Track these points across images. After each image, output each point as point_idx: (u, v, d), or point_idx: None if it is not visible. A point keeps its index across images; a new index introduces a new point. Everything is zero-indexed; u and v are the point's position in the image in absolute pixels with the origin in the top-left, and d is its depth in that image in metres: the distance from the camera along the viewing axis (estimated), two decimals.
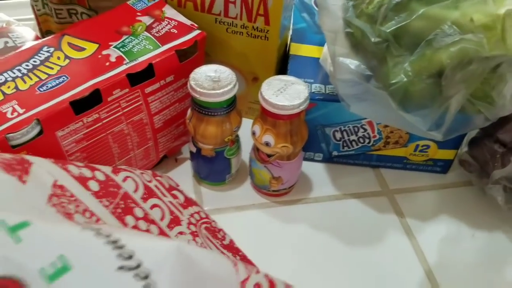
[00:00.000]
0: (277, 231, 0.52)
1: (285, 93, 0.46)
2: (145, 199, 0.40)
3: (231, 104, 0.49)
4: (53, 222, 0.27)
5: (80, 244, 0.25)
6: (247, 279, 0.30)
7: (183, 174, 0.56)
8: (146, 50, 0.47)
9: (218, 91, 0.46)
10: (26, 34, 0.58)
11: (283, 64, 0.58)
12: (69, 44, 0.47)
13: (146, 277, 0.25)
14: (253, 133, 0.50)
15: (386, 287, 0.48)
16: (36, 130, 0.41)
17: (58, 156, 0.44)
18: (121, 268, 0.24)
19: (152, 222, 0.40)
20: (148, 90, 0.47)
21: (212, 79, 0.47)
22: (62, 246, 0.24)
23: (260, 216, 0.53)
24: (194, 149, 0.53)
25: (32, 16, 0.62)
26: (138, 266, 0.25)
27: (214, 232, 0.47)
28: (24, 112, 0.41)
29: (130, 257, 0.25)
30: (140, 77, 0.46)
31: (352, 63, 0.43)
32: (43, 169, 0.33)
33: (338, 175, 0.58)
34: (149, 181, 0.42)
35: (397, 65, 0.41)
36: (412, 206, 0.55)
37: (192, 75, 0.47)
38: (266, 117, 0.48)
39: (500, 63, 0.43)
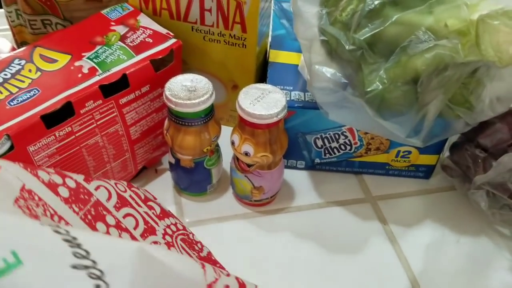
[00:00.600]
0: (260, 242, 0.51)
1: (262, 102, 0.46)
2: (118, 208, 0.39)
3: (208, 114, 0.48)
4: (10, 215, 0.26)
5: (35, 239, 0.24)
6: (215, 281, 0.29)
7: (163, 185, 0.55)
8: (120, 61, 0.46)
9: (194, 101, 0.45)
10: (2, 45, 0.57)
11: (263, 71, 0.58)
12: (41, 56, 0.46)
13: (98, 277, 0.24)
14: (232, 143, 0.49)
15: None
16: (6, 145, 0.40)
17: None
18: (74, 266, 0.24)
19: (125, 230, 0.39)
20: (123, 101, 0.47)
21: (188, 89, 0.46)
22: (15, 240, 0.23)
23: (242, 226, 0.52)
24: (173, 160, 0.52)
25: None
26: (92, 266, 0.24)
27: (192, 244, 0.46)
28: None
29: (85, 256, 0.24)
30: (114, 88, 0.45)
31: (327, 71, 0.43)
32: (11, 173, 0.32)
33: (321, 182, 0.57)
34: (124, 191, 0.41)
35: (372, 73, 0.41)
36: (396, 213, 0.54)
37: (167, 85, 0.47)
38: (245, 126, 0.47)
39: (478, 67, 0.42)
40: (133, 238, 0.40)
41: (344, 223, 0.53)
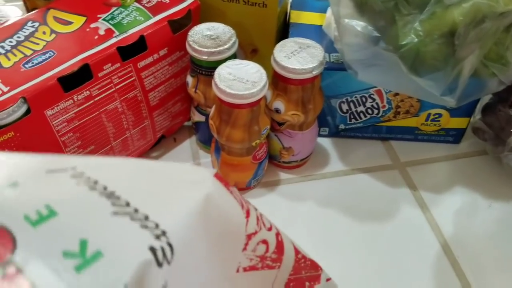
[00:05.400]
0: (285, 210, 0.49)
1: (298, 56, 0.44)
2: None
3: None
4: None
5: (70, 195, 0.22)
6: (254, 233, 0.28)
7: (182, 155, 0.54)
8: (137, 22, 0.44)
9: (223, 47, 0.44)
10: (12, 13, 0.56)
11: (283, 33, 0.55)
12: (55, 18, 0.44)
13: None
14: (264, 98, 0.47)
15: (402, 263, 0.45)
16: (23, 109, 0.39)
17: (49, 136, 0.41)
18: (116, 213, 0.22)
19: None
20: (141, 64, 0.45)
21: (210, 37, 0.45)
22: (49, 196, 0.22)
23: (267, 195, 0.51)
24: (202, 118, 0.50)
25: None
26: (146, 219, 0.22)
27: None
28: (9, 91, 0.38)
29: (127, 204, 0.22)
30: (131, 51, 0.44)
31: (358, 24, 0.40)
32: None
33: (345, 149, 0.55)
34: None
35: (407, 25, 0.38)
36: (425, 179, 0.52)
37: (190, 38, 0.45)
38: (278, 81, 0.45)
39: None
40: None
41: (372, 190, 0.51)
